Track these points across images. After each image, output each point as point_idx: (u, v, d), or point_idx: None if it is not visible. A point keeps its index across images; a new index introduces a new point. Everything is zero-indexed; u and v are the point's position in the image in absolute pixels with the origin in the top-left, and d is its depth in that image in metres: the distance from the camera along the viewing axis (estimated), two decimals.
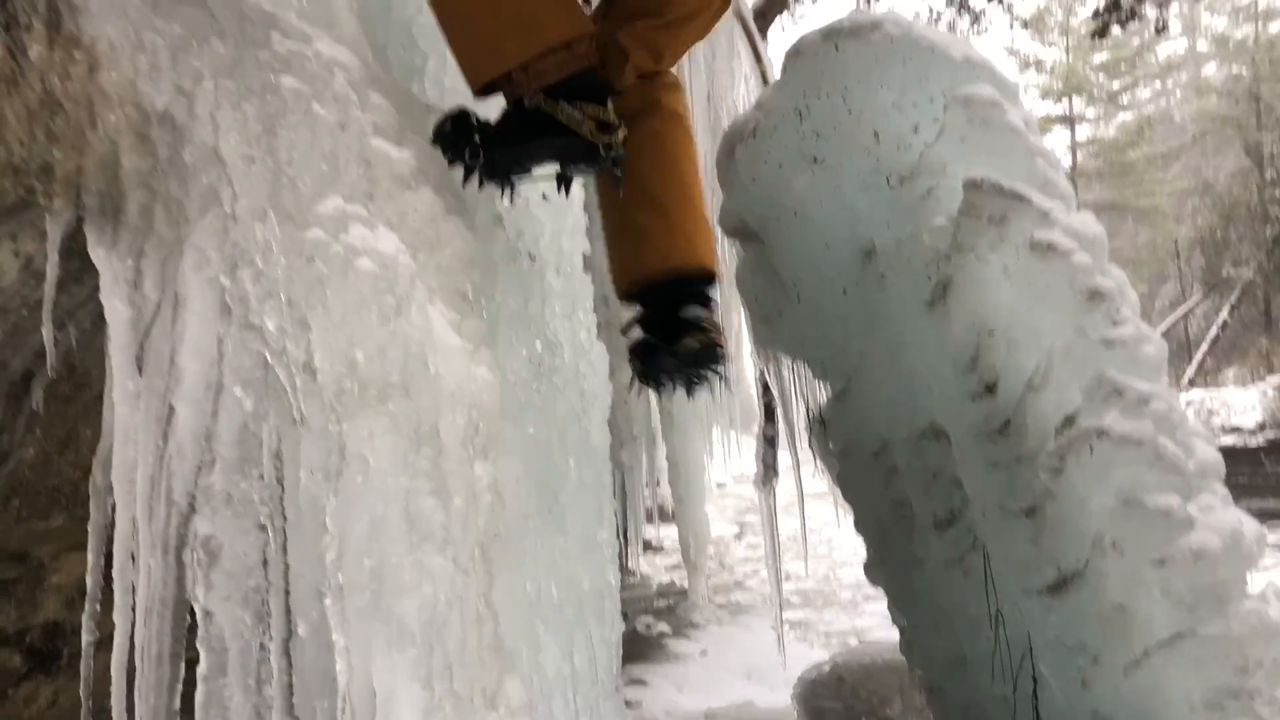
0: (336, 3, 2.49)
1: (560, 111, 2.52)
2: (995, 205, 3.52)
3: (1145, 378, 3.33)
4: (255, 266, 1.60)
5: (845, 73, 3.83)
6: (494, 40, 2.48)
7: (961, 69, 3.78)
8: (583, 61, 2.57)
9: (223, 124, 1.61)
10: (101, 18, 1.45)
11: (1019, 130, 3.73)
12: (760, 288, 4.49)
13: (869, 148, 3.83)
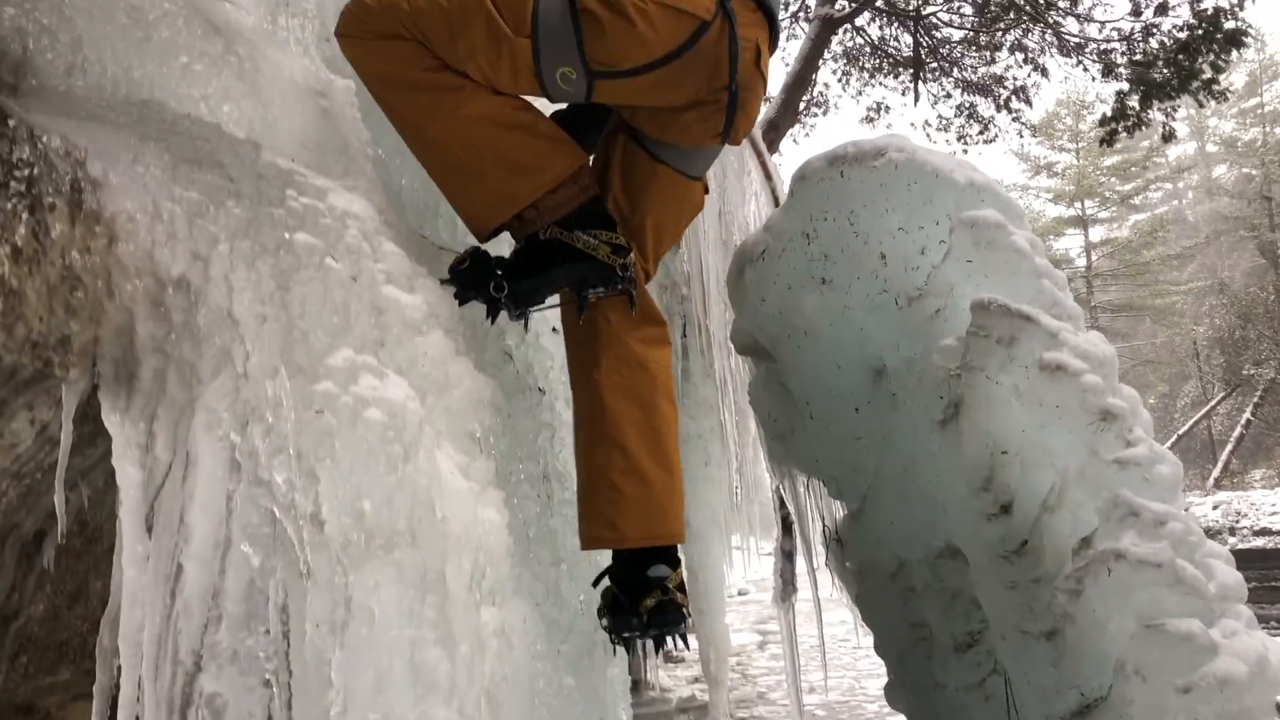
0: (353, 148, 2.58)
1: (577, 240, 2.60)
2: (1004, 326, 3.54)
3: (1161, 498, 3.31)
4: (266, 422, 1.63)
5: (851, 197, 3.91)
6: (503, 186, 2.59)
7: (966, 192, 3.85)
8: (588, 191, 2.67)
9: (237, 285, 1.66)
10: (122, 192, 1.51)
11: (1024, 252, 3.78)
12: (773, 405, 4.50)
13: (877, 269, 3.88)
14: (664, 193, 2.84)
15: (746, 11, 2.53)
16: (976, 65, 20.14)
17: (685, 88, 2.55)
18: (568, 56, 2.43)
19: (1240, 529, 20.45)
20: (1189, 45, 14.09)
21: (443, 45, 2.47)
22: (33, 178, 1.31)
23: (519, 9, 2.42)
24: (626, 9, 2.36)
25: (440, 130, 2.56)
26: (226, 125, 2.15)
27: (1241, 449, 30.62)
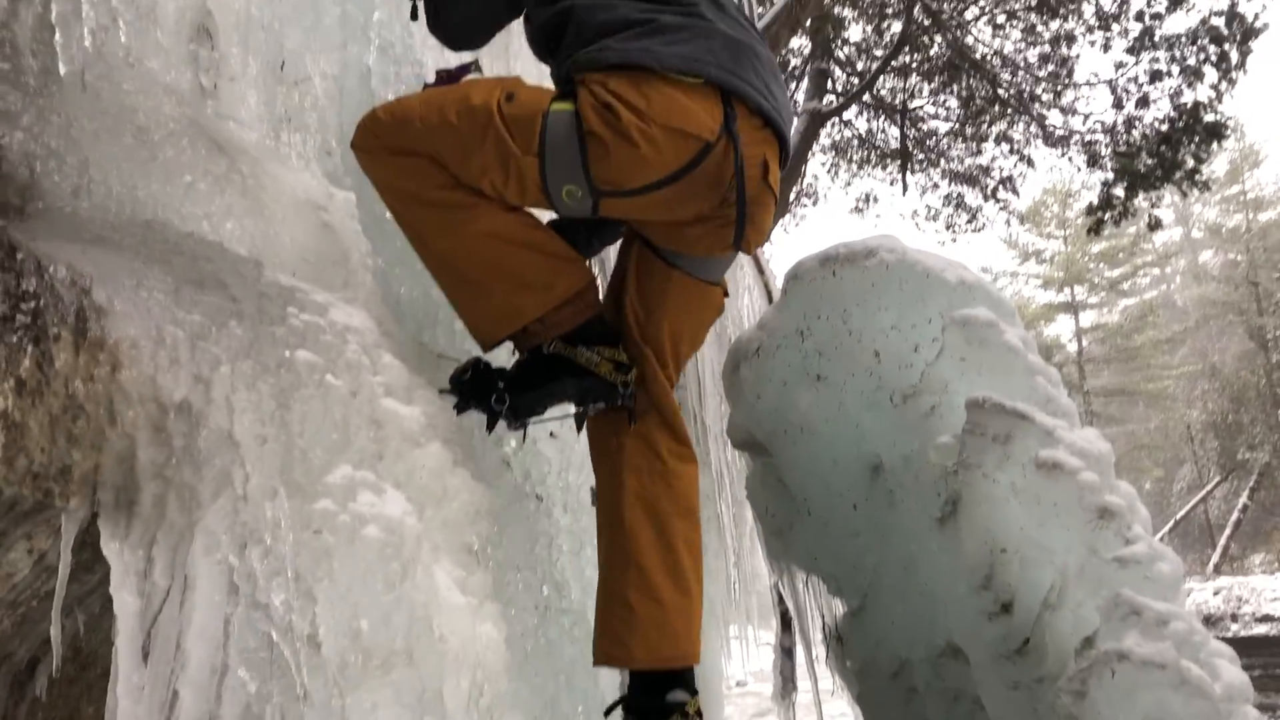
0: (354, 259, 2.62)
1: (579, 355, 2.62)
2: (999, 424, 3.55)
3: (1162, 597, 3.29)
4: (264, 544, 1.63)
5: (844, 296, 3.95)
6: (510, 301, 2.62)
7: (957, 291, 3.89)
8: (593, 309, 2.70)
9: (238, 406, 1.67)
10: (126, 318, 1.53)
11: (1017, 350, 3.81)
12: (771, 500, 4.49)
13: (871, 367, 3.90)
14: (680, 298, 2.86)
15: (752, 130, 2.55)
16: (963, 156, 20.51)
17: (691, 205, 2.58)
18: (573, 176, 2.46)
19: (1242, 615, 20.26)
20: (1170, 137, 14.39)
21: (455, 162, 2.51)
22: (39, 309, 1.32)
23: (528, 128, 2.45)
24: (630, 131, 2.38)
25: (451, 245, 2.60)
26: (229, 243, 2.18)
27: (1240, 533, 30.45)
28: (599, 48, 2.47)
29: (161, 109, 2.29)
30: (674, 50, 2.44)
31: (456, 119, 2.50)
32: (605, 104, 2.40)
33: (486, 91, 2.54)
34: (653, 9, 2.51)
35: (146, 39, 2.37)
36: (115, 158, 2.09)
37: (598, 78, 2.44)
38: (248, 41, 2.68)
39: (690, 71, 2.43)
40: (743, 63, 2.54)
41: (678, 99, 2.42)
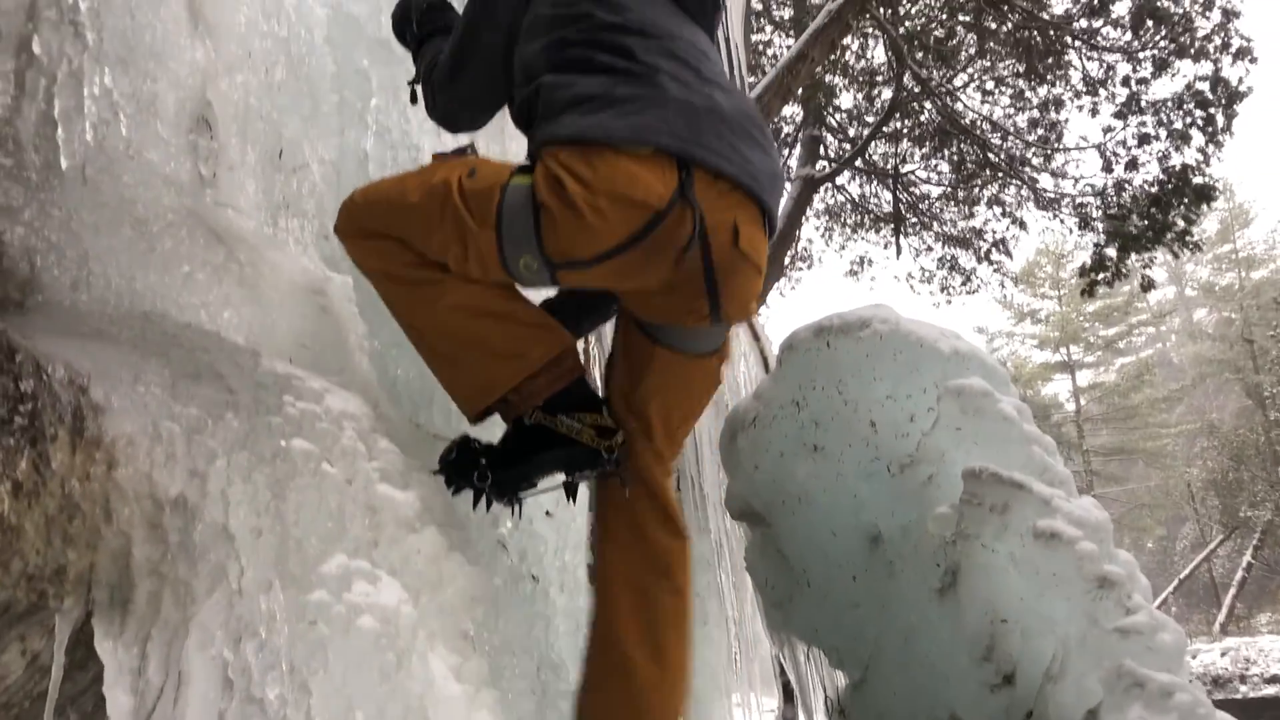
0: (350, 343, 2.64)
1: (560, 424, 2.63)
2: (996, 494, 3.56)
3: (1165, 668, 3.26)
4: (259, 638, 1.63)
5: (839, 367, 3.97)
6: (484, 372, 2.63)
7: (951, 361, 3.92)
8: (571, 374, 2.70)
9: (233, 499, 1.68)
10: (123, 414, 1.55)
11: (1012, 419, 3.82)
12: (770, 571, 4.48)
13: (867, 437, 3.91)
14: (664, 373, 2.84)
15: (718, 195, 2.51)
16: (956, 219, 20.70)
17: (654, 273, 2.56)
18: (527, 248, 2.47)
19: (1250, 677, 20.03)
20: (1160, 199, 14.54)
21: (419, 240, 2.56)
22: (36, 410, 1.34)
23: (485, 202, 2.48)
24: (576, 201, 2.39)
25: (425, 320, 2.63)
26: (226, 332, 2.20)
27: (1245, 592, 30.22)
28: (555, 124, 2.50)
29: (161, 200, 2.33)
30: (624, 122, 2.45)
31: (418, 198, 2.55)
32: (554, 176, 2.42)
33: (449, 170, 2.59)
34: (610, 82, 2.53)
35: (147, 131, 2.42)
36: (114, 250, 2.12)
37: (552, 151, 2.47)
38: (246, 131, 2.74)
39: (639, 141, 2.43)
40: (701, 128, 2.51)
41: (625, 168, 2.42)
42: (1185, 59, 15.25)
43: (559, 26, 2.64)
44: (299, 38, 2.98)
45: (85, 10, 2.23)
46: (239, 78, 2.73)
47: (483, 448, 2.63)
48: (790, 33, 19.34)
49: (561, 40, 2.62)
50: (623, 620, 2.65)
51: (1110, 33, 16.28)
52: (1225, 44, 15.01)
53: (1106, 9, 15.79)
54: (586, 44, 2.58)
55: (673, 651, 2.73)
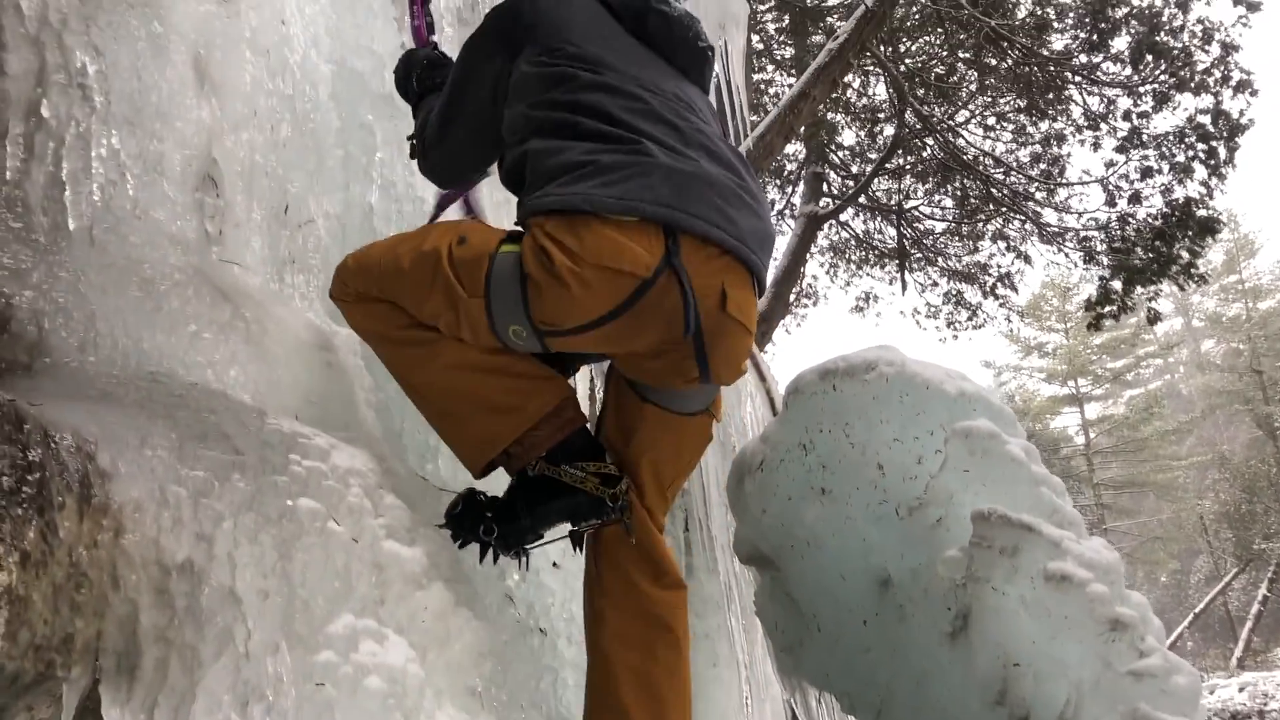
0: (356, 397, 2.65)
1: (564, 474, 2.63)
2: (1005, 536, 3.54)
3: (1180, 712, 3.23)
4: (266, 700, 1.62)
5: (845, 410, 3.96)
6: (484, 427, 2.64)
7: (957, 403, 3.91)
8: (572, 424, 2.71)
9: (240, 561, 1.68)
10: (130, 480, 1.55)
11: (1020, 460, 3.81)
12: (780, 616, 4.45)
13: (875, 480, 3.90)
14: (655, 432, 2.84)
15: (705, 260, 2.51)
16: (960, 254, 20.72)
17: (643, 338, 2.57)
18: (516, 316, 2.49)
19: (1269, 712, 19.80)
20: (1164, 232, 14.56)
21: (410, 306, 2.59)
22: (44, 479, 1.34)
23: (474, 271, 2.50)
24: (562, 273, 2.40)
25: (423, 379, 2.66)
26: (233, 390, 2.21)
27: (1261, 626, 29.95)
28: (542, 193, 2.51)
29: (167, 259, 2.35)
30: (609, 191, 2.45)
31: (409, 265, 2.58)
32: (541, 247, 2.43)
33: (439, 236, 2.62)
34: (595, 149, 2.53)
35: (153, 190, 2.44)
36: (121, 310, 2.13)
37: (539, 221, 2.48)
38: (252, 188, 2.76)
39: (624, 211, 2.43)
40: (688, 195, 2.51)
41: (611, 238, 2.42)
42: (1186, 92, 15.32)
43: (543, 89, 2.66)
44: (304, 94, 3.01)
45: (93, 74, 2.26)
46: (245, 135, 2.76)
47: (488, 500, 2.64)
48: (791, 71, 19.51)
49: (545, 102, 2.64)
50: (620, 676, 2.64)
51: (1110, 68, 16.39)
52: (1225, 77, 15.08)
53: (1106, 44, 15.90)
54: (571, 107, 2.59)
55: (672, 705, 2.72)
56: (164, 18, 2.52)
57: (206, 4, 2.68)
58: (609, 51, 2.72)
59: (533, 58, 2.71)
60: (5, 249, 2.04)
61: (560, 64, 2.66)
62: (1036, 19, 16.52)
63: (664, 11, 2.84)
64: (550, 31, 2.73)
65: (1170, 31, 15.20)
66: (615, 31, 2.81)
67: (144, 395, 1.91)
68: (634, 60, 2.76)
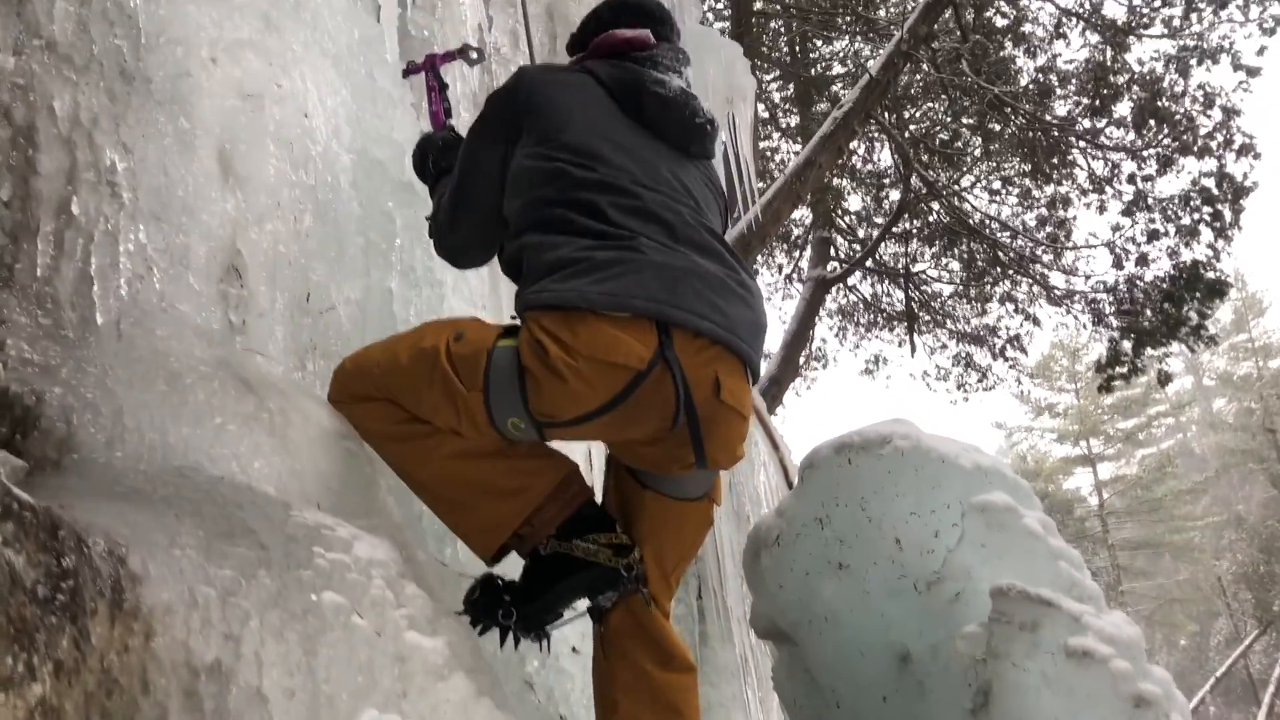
0: (376, 484, 2.67)
1: (576, 548, 2.64)
2: (1025, 612, 3.52)
3: None
4: None
5: (861, 484, 3.97)
6: (491, 513, 2.67)
7: (973, 477, 3.91)
8: (579, 499, 2.73)
9: (266, 660, 1.68)
10: (160, 582, 1.56)
11: (1038, 534, 3.80)
12: (799, 691, 4.41)
13: (893, 555, 3.88)
14: (657, 518, 2.87)
15: (696, 351, 2.57)
16: (969, 317, 20.75)
17: (639, 427, 2.62)
18: (514, 409, 2.53)
19: None
20: (1173, 294, 14.61)
21: (410, 402, 2.64)
22: (78, 586, 1.36)
23: (472, 366, 2.55)
24: (559, 366, 2.45)
25: (427, 472, 2.69)
26: (257, 483, 2.23)
27: None
28: (537, 289, 2.57)
29: (193, 352, 2.38)
30: (602, 288, 2.50)
31: (407, 362, 2.63)
32: (537, 340, 2.48)
33: (436, 333, 2.68)
34: (589, 246, 2.59)
35: (179, 284, 2.48)
36: (148, 405, 2.16)
37: (535, 315, 2.54)
38: (275, 278, 2.80)
39: (617, 307, 2.49)
40: (679, 290, 2.57)
41: (606, 332, 2.48)
42: (1189, 156, 15.45)
43: (538, 184, 2.73)
44: (326, 184, 3.07)
45: (122, 170, 2.32)
46: (269, 226, 2.81)
47: (506, 584, 2.65)
48: (797, 139, 19.72)
49: (541, 199, 2.70)
50: None
51: (1114, 132, 16.54)
52: (1228, 141, 15.21)
53: (1109, 109, 16.08)
54: (565, 204, 2.65)
55: None
56: (190, 114, 2.58)
57: (231, 99, 2.75)
58: (604, 141, 2.77)
59: (529, 148, 2.78)
60: (35, 345, 2.07)
61: (555, 159, 2.72)
62: (1039, 86, 16.72)
63: (659, 94, 2.88)
64: (546, 120, 2.79)
65: (1172, 97, 15.38)
66: (611, 114, 2.86)
67: (171, 491, 1.93)
68: (629, 147, 2.81)
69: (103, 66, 2.35)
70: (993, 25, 16.92)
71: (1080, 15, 16.27)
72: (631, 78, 2.88)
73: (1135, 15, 15.92)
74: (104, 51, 2.36)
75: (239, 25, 2.79)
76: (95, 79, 2.32)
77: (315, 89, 3.03)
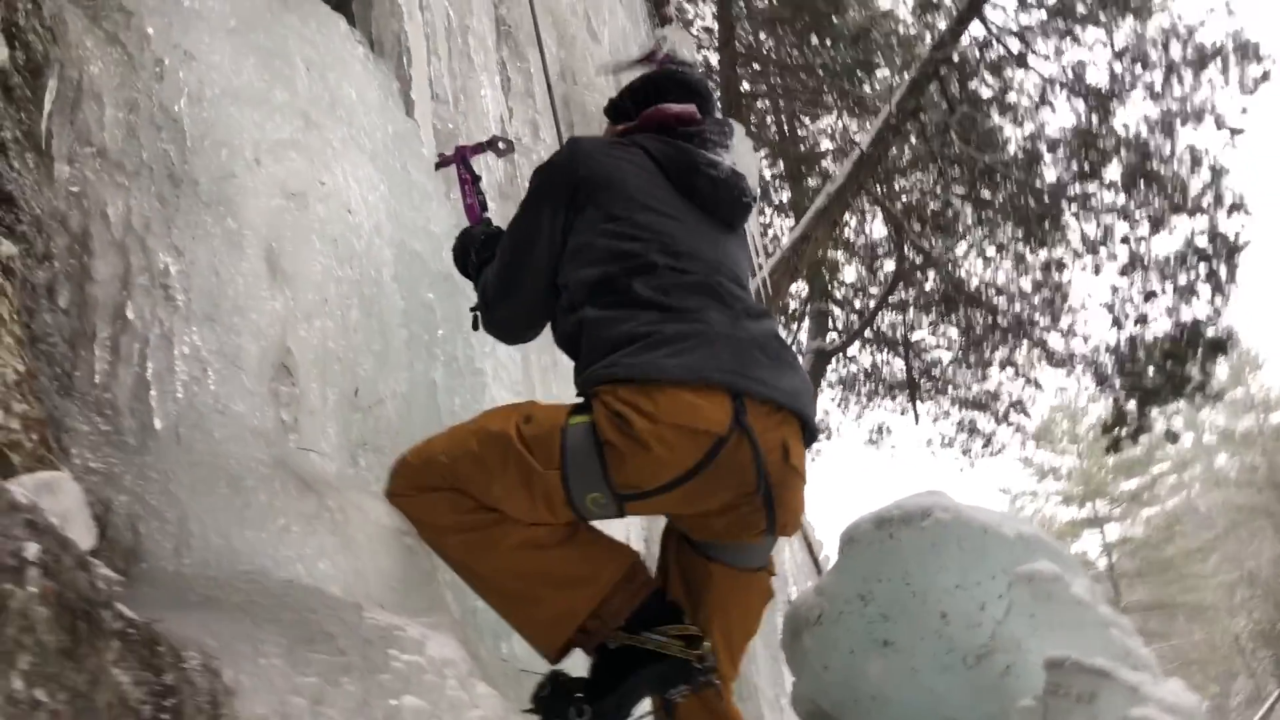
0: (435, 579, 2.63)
1: (646, 642, 2.58)
2: (1081, 684, 3.46)
3: None
4: None
5: (903, 558, 3.92)
6: (559, 604, 2.61)
7: (1017, 546, 3.87)
8: (646, 588, 2.68)
9: None
10: (253, 695, 1.51)
11: (1086, 603, 3.75)
12: None
13: (939, 629, 3.83)
14: (724, 592, 2.82)
15: (766, 417, 2.59)
16: (970, 383, 20.75)
17: (716, 496, 2.60)
18: (595, 484, 2.51)
19: None
20: (1174, 353, 14.65)
21: (479, 489, 2.59)
22: (179, 705, 1.31)
23: (548, 445, 2.53)
24: (643, 435, 2.45)
25: (490, 565, 2.63)
26: (324, 584, 2.19)
27: None
28: (608, 364, 2.57)
29: (251, 453, 2.36)
30: (678, 361, 2.53)
31: (478, 446, 2.60)
32: (617, 413, 2.48)
33: (504, 419, 2.66)
34: (657, 319, 2.61)
35: (234, 384, 2.47)
36: (212, 509, 2.13)
37: (609, 389, 2.54)
38: (325, 374, 2.79)
39: (694, 379, 2.51)
40: (747, 360, 2.61)
41: (686, 399, 2.50)
42: (1181, 214, 15.59)
43: (598, 259, 2.74)
44: (370, 278, 3.07)
45: (175, 273, 2.32)
46: (317, 323, 2.80)
47: (574, 680, 2.58)
48: (789, 214, 19.90)
49: (602, 274, 2.71)
50: None
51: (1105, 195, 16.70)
52: (1218, 199, 15.36)
53: (1098, 173, 16.26)
54: (627, 278, 2.67)
55: None
56: (237, 214, 2.59)
57: (276, 198, 2.76)
58: (660, 217, 2.81)
59: (589, 221, 2.81)
60: (97, 453, 2.05)
61: (614, 233, 2.76)
62: (1028, 153, 16.94)
63: (712, 176, 2.92)
64: (605, 193, 2.82)
65: (1161, 159, 15.57)
66: (664, 189, 2.90)
67: (245, 598, 1.89)
68: (683, 222, 2.85)
69: (152, 171, 2.37)
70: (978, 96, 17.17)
71: (1063, 83, 16.54)
72: (686, 159, 2.91)
73: (1118, 81, 16.18)
74: (153, 156, 2.38)
75: (280, 125, 2.82)
76: (146, 184, 2.34)
77: (356, 185, 3.06)
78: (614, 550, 2.73)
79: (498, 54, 4.43)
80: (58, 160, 2.19)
